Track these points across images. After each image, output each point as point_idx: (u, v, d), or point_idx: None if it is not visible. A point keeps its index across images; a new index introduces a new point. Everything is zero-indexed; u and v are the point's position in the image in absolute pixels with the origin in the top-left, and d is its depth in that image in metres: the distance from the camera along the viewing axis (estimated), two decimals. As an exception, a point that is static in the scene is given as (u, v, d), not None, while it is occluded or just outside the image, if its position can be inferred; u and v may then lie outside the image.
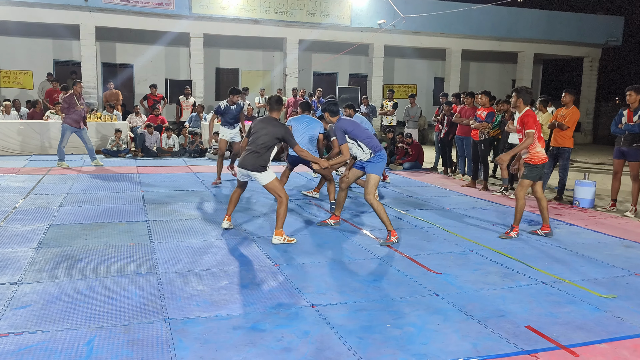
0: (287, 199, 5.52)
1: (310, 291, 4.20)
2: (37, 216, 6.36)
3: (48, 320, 3.50)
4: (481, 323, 3.70)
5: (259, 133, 5.55)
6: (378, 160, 5.85)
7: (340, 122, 5.90)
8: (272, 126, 5.55)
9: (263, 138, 5.50)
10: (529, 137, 5.94)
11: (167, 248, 5.25)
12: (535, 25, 19.49)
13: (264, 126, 5.58)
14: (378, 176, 5.84)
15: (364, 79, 20.06)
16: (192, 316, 3.65)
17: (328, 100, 6.17)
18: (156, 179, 9.43)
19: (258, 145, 5.49)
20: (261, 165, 5.48)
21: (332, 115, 6.01)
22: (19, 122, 12.43)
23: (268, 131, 5.52)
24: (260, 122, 5.68)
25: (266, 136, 5.50)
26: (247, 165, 5.51)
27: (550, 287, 4.49)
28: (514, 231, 6.11)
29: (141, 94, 17.51)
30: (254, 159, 5.48)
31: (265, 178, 5.50)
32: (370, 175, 5.82)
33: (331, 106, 6.02)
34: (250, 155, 5.50)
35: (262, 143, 5.49)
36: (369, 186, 5.73)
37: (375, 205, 5.66)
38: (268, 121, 5.64)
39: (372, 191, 5.74)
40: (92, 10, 15.14)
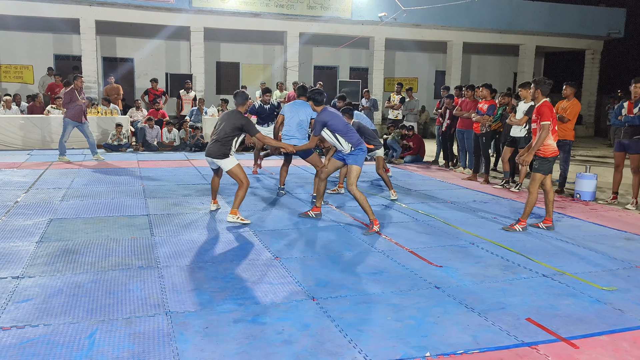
0: (248, 184, 6.03)
1: (311, 284, 4.21)
2: (38, 210, 6.37)
3: (50, 314, 3.51)
4: (481, 315, 3.71)
5: (222, 124, 6.08)
6: (358, 152, 5.97)
7: (322, 113, 5.99)
8: (234, 118, 6.03)
9: (225, 128, 5.98)
10: (544, 129, 5.92)
11: (168, 242, 5.26)
12: (537, 17, 19.41)
13: (227, 118, 6.11)
14: (359, 167, 5.96)
15: (365, 73, 20.01)
16: (193, 309, 3.66)
17: (313, 89, 6.18)
18: (157, 173, 9.44)
19: (220, 135, 5.97)
20: (223, 153, 5.95)
21: (317, 104, 6.10)
22: (19, 117, 12.43)
23: (229, 122, 6.00)
24: (224, 115, 6.24)
25: (227, 127, 5.97)
26: (212, 154, 6.02)
27: (550, 279, 4.49)
28: (519, 224, 6.10)
29: (142, 88, 17.50)
30: (217, 147, 5.96)
31: (228, 164, 5.99)
32: (352, 166, 5.95)
33: (316, 95, 6.05)
34: (214, 145, 5.99)
35: (224, 133, 5.95)
36: (351, 177, 5.89)
37: (358, 196, 5.83)
38: (230, 114, 6.15)
39: (354, 182, 5.88)
40: (92, 4, 15.11)
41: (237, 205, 6.00)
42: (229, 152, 5.97)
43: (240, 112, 6.12)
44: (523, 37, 19.79)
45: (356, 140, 5.97)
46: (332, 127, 5.94)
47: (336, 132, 5.94)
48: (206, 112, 14.45)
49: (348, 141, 5.94)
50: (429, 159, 12.08)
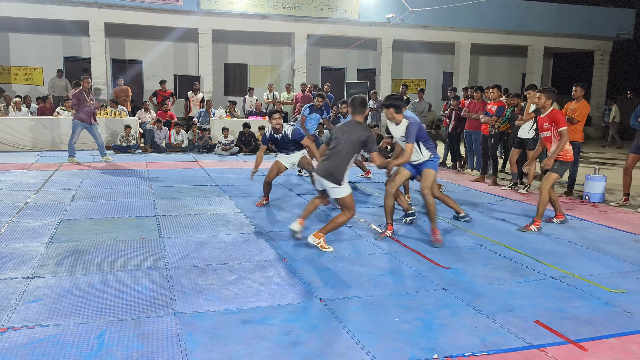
0: (353, 215, 5.16)
1: (319, 285, 4.22)
2: (48, 211, 6.43)
3: (59, 314, 3.54)
4: (489, 318, 3.70)
5: (341, 137, 5.07)
6: (436, 159, 5.72)
7: (413, 120, 5.46)
8: (356, 130, 5.07)
9: (344, 144, 5.03)
10: (564, 135, 6.05)
11: (177, 243, 5.29)
12: (546, 18, 19.33)
13: (347, 129, 5.11)
14: (435, 171, 5.68)
15: (373, 74, 20.01)
16: (202, 310, 3.68)
17: (392, 95, 5.58)
18: (165, 174, 9.49)
19: (338, 152, 5.03)
20: (337, 180, 5.02)
21: (398, 111, 5.48)
22: (29, 118, 12.54)
23: (350, 136, 5.04)
24: (343, 125, 5.21)
25: (347, 142, 5.03)
26: (325, 175, 5.07)
27: (559, 282, 4.47)
28: (534, 224, 6.09)
29: (150, 90, 17.59)
30: (331, 168, 5.03)
31: (341, 192, 5.07)
32: (428, 170, 5.63)
33: (397, 101, 5.47)
34: (328, 163, 5.07)
35: (343, 152, 5.00)
36: (427, 180, 5.58)
37: (430, 202, 5.53)
38: (351, 125, 5.15)
39: (429, 186, 5.59)
40: (101, 6, 15.22)
41: (326, 231, 5.17)
42: (343, 177, 5.03)
43: (362, 123, 5.18)
44: (531, 38, 19.71)
45: (432, 147, 5.70)
46: (420, 135, 5.50)
47: (421, 140, 5.56)
48: (214, 113, 14.50)
49: (428, 149, 5.64)
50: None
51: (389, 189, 5.71)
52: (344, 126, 5.24)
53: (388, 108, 5.50)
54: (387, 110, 5.52)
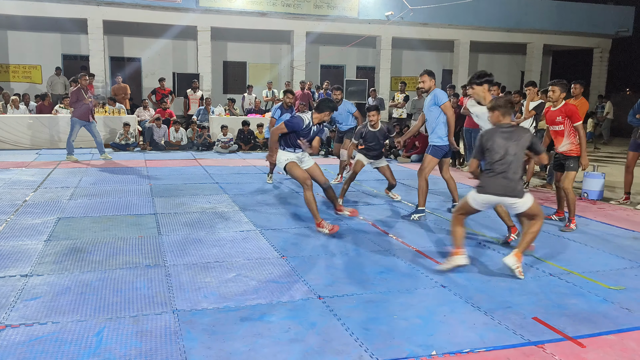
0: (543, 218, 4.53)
1: (317, 283, 4.22)
2: (46, 209, 6.42)
3: (58, 312, 3.54)
4: (488, 314, 3.70)
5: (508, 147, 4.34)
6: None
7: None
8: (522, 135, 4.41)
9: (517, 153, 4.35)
10: (580, 130, 6.05)
11: (175, 241, 5.29)
12: (545, 15, 19.32)
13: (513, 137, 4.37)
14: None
15: (372, 72, 20.00)
16: (200, 308, 3.68)
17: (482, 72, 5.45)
18: (164, 172, 9.48)
19: (513, 165, 4.33)
20: (521, 190, 4.39)
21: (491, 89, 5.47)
22: (28, 116, 12.52)
23: (519, 143, 4.36)
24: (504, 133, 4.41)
25: (519, 150, 4.37)
26: (507, 193, 4.35)
27: (557, 279, 4.48)
28: (572, 223, 6.14)
29: (149, 88, 17.58)
30: (510, 183, 4.34)
31: (528, 201, 4.42)
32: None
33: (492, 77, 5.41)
34: (504, 180, 4.34)
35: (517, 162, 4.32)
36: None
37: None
38: (517, 131, 4.44)
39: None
40: (99, 4, 15.20)
41: (524, 248, 4.48)
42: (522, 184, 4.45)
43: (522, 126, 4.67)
44: (531, 35, 19.71)
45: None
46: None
47: None
48: (213, 111, 14.49)
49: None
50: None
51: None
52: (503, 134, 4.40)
53: (481, 85, 5.23)
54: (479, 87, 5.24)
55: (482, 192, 4.42)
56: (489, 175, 4.39)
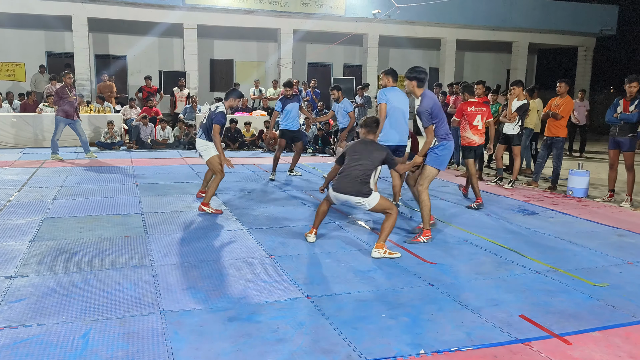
0: (397, 213, 4.93)
1: (305, 282, 4.22)
2: (31, 209, 6.34)
3: (43, 314, 3.50)
4: (475, 312, 3.73)
5: (358, 157, 4.91)
6: (442, 151, 5.35)
7: (425, 99, 5.22)
8: (375, 151, 4.96)
9: (364, 164, 4.87)
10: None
11: (162, 240, 5.25)
12: (530, 14, 19.49)
13: (365, 151, 4.95)
14: (436, 170, 5.39)
15: (359, 70, 20.02)
16: (188, 308, 3.66)
17: (414, 68, 5.35)
18: (150, 171, 9.41)
19: (358, 172, 4.85)
20: (364, 193, 4.83)
21: (420, 85, 5.31)
22: (11, 115, 12.35)
23: (370, 157, 4.91)
24: (358, 146, 5.03)
25: (368, 162, 4.89)
26: (349, 192, 4.85)
27: (543, 276, 4.52)
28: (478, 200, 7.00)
29: (135, 86, 17.44)
30: (354, 185, 4.83)
31: (372, 202, 4.87)
32: (427, 167, 5.39)
33: (421, 74, 5.29)
34: (349, 181, 4.85)
35: (364, 171, 4.85)
36: (424, 178, 5.36)
37: (423, 199, 5.35)
38: (369, 145, 5.00)
39: (426, 183, 5.37)
40: (84, 1, 15.04)
41: (384, 239, 4.90)
42: (370, 189, 4.86)
43: (377, 142, 5.12)
44: (516, 34, 19.87)
45: (444, 132, 5.32)
46: (434, 115, 5.21)
47: (434, 120, 5.24)
48: (200, 109, 14.40)
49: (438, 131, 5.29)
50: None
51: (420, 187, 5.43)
52: (359, 145, 5.02)
53: (411, 80, 5.33)
54: (409, 82, 5.35)
55: (334, 190, 4.98)
56: (341, 175, 4.96)
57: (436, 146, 5.38)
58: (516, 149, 8.78)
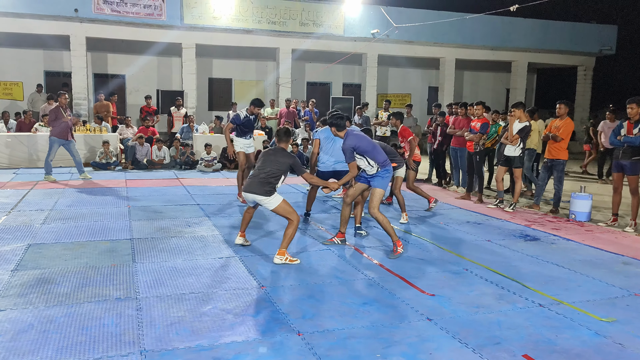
0: (298, 220, 5.40)
1: (297, 316, 4.01)
2: (17, 235, 6.15)
3: (16, 353, 3.29)
4: (476, 352, 3.52)
5: (267, 162, 5.53)
6: (385, 174, 5.81)
7: (348, 139, 5.74)
8: (281, 157, 5.55)
9: (270, 167, 5.47)
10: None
11: (150, 269, 5.05)
12: (529, 34, 19.48)
13: (272, 156, 5.58)
14: (383, 190, 5.83)
15: (358, 89, 19.96)
16: (171, 347, 3.45)
17: (333, 114, 5.98)
18: (144, 192, 9.23)
19: (265, 173, 5.43)
20: (266, 190, 5.36)
21: (339, 129, 5.87)
22: (6, 135, 12.22)
23: (275, 162, 5.49)
24: (267, 152, 5.71)
25: (273, 166, 5.47)
26: (253, 191, 5.42)
27: (547, 309, 4.31)
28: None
29: (133, 105, 17.40)
30: (258, 184, 5.40)
31: (273, 202, 5.39)
32: (376, 189, 5.80)
33: (337, 120, 5.86)
34: (257, 181, 5.43)
35: (269, 171, 5.44)
36: (374, 200, 5.73)
37: (380, 219, 5.69)
38: (276, 152, 5.63)
39: (377, 205, 5.73)
40: (82, 20, 14.99)
41: (285, 245, 5.34)
42: (273, 189, 5.42)
43: (286, 150, 5.68)
44: (515, 53, 19.84)
45: (383, 160, 5.79)
46: (361, 150, 5.71)
47: (365, 154, 5.74)
48: (197, 129, 14.28)
49: (375, 161, 5.75)
50: (422, 177, 11.92)
51: (344, 199, 6.14)
52: (269, 151, 5.72)
53: (330, 127, 5.92)
54: (330, 128, 5.98)
55: (244, 190, 5.56)
56: (250, 177, 5.60)
57: (379, 172, 5.79)
58: (517, 171, 8.61)
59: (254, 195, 5.41)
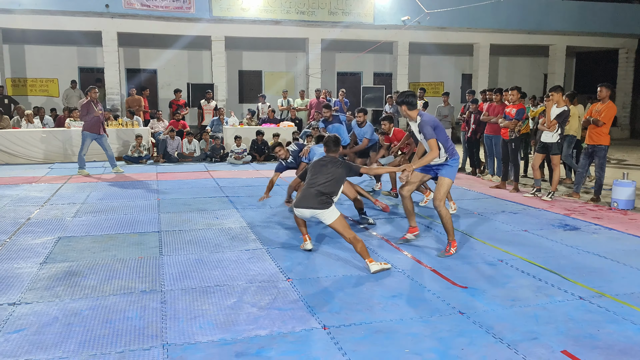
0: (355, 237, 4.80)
1: (323, 310, 3.89)
2: (48, 228, 6.21)
3: (40, 347, 3.27)
4: (511, 347, 3.32)
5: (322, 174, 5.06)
6: (454, 163, 5.37)
7: (425, 116, 5.25)
8: (335, 167, 5.09)
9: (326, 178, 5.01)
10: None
11: (177, 262, 5.01)
12: (567, 16, 18.73)
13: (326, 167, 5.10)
14: (451, 180, 5.36)
15: (389, 78, 19.62)
16: (194, 341, 3.38)
17: (405, 92, 5.36)
18: (174, 185, 9.26)
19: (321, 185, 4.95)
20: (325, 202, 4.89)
21: (410, 108, 5.26)
22: (41, 130, 12.47)
23: (332, 172, 5.05)
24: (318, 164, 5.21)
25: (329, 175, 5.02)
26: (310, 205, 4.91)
27: (588, 302, 4.07)
28: None
29: (164, 99, 17.54)
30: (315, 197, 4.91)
31: (332, 216, 4.87)
32: (444, 179, 5.32)
33: (410, 98, 5.25)
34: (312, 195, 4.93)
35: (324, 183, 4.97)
36: (442, 191, 5.27)
37: (444, 213, 5.23)
38: (329, 162, 5.15)
39: (443, 197, 5.27)
40: (113, 16, 15.15)
41: (367, 255, 4.78)
42: (331, 201, 4.94)
43: (337, 158, 5.25)
44: (553, 37, 19.11)
45: (452, 147, 5.35)
46: (438, 132, 5.20)
47: (438, 139, 5.21)
48: (227, 121, 14.29)
49: (445, 148, 5.29)
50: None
51: (402, 193, 5.61)
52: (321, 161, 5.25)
53: (400, 105, 5.31)
54: (400, 107, 5.35)
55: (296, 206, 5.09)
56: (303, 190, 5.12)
57: (448, 160, 5.36)
58: (555, 158, 8.25)
59: (310, 210, 4.92)
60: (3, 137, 11.82)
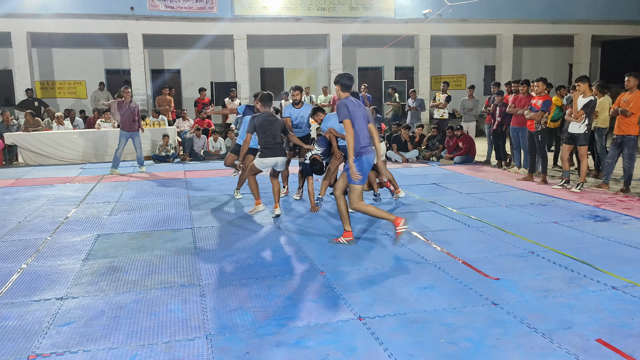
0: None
1: (358, 302, 3.99)
2: (86, 226, 6.43)
3: (90, 338, 3.44)
4: (546, 337, 3.37)
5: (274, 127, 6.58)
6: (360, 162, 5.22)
7: (348, 100, 5.23)
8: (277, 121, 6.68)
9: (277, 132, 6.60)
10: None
11: (211, 257, 5.15)
12: (592, 5, 18.44)
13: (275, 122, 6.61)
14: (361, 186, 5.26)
15: (411, 72, 19.56)
16: (235, 332, 3.50)
17: (343, 74, 5.42)
18: (203, 183, 9.44)
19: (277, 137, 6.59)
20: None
21: (343, 90, 5.32)
22: (72, 132, 12.79)
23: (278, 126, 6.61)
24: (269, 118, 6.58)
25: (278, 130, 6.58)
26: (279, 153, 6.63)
27: (622, 292, 4.08)
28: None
29: (189, 98, 17.78)
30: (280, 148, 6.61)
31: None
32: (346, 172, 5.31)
33: (345, 80, 5.32)
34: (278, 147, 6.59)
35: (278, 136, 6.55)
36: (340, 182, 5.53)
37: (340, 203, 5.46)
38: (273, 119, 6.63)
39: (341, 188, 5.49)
40: (138, 18, 15.43)
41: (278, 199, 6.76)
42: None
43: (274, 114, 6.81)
44: (577, 26, 18.82)
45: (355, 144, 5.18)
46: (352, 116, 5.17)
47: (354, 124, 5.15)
48: (251, 119, 14.42)
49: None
50: (481, 159, 11.60)
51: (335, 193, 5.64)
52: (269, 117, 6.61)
53: (335, 84, 5.41)
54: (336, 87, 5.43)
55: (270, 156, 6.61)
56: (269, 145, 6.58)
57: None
58: (582, 149, 8.20)
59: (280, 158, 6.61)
60: (35, 139, 12.18)
